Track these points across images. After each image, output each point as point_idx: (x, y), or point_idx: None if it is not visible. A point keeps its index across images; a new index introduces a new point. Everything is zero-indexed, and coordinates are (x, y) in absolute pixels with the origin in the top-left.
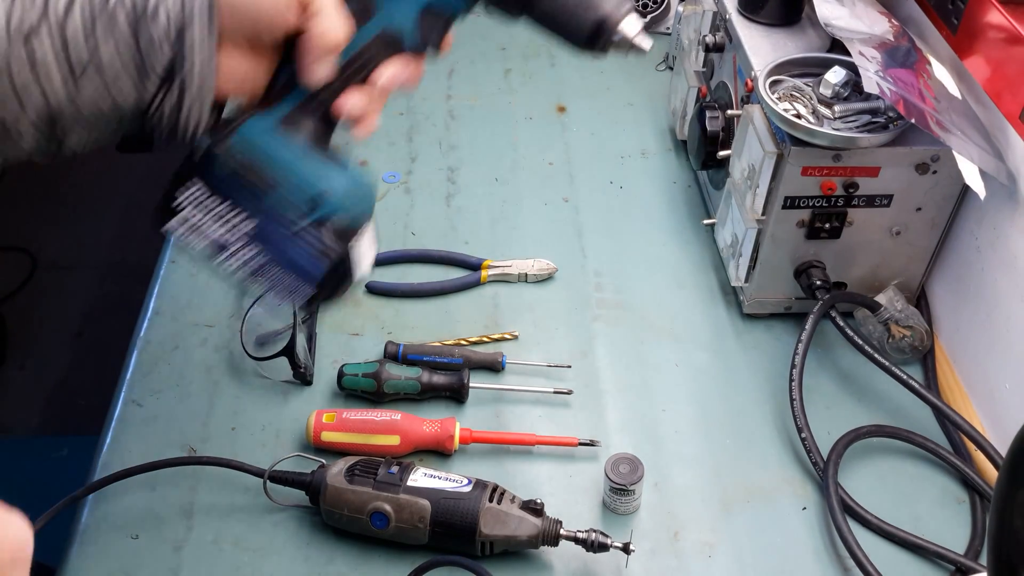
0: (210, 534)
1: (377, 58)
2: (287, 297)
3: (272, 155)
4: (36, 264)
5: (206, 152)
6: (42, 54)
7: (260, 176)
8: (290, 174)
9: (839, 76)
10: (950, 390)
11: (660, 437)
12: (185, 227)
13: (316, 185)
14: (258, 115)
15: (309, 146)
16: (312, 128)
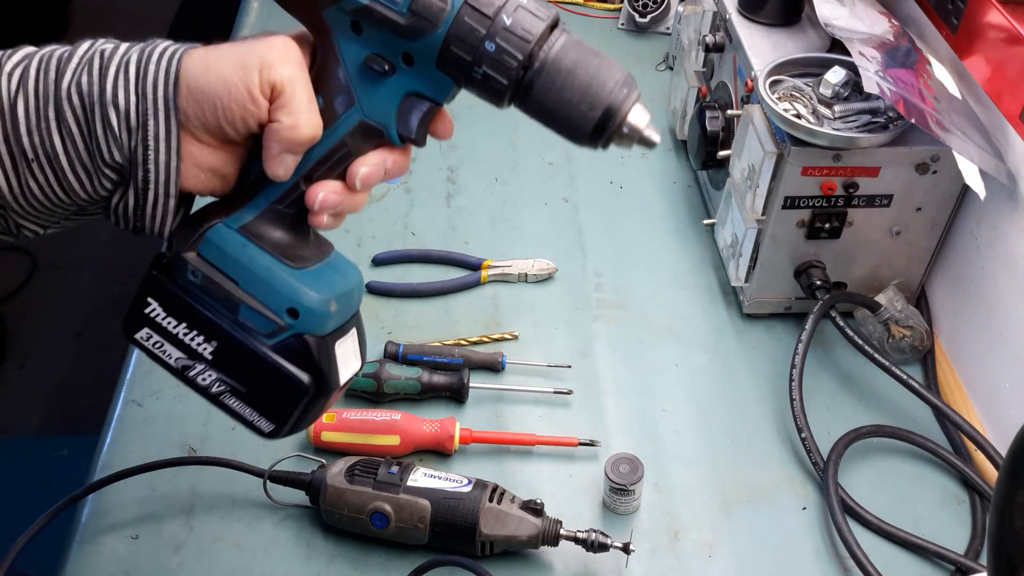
0: (210, 534)
1: (356, 151)
2: (255, 424)
3: (239, 268)
4: (36, 264)
5: (172, 259)
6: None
7: (226, 291)
8: (258, 289)
9: (839, 76)
10: (950, 390)
11: (660, 437)
12: (149, 344)
13: (287, 300)
14: (226, 220)
15: (281, 254)
16: (285, 229)
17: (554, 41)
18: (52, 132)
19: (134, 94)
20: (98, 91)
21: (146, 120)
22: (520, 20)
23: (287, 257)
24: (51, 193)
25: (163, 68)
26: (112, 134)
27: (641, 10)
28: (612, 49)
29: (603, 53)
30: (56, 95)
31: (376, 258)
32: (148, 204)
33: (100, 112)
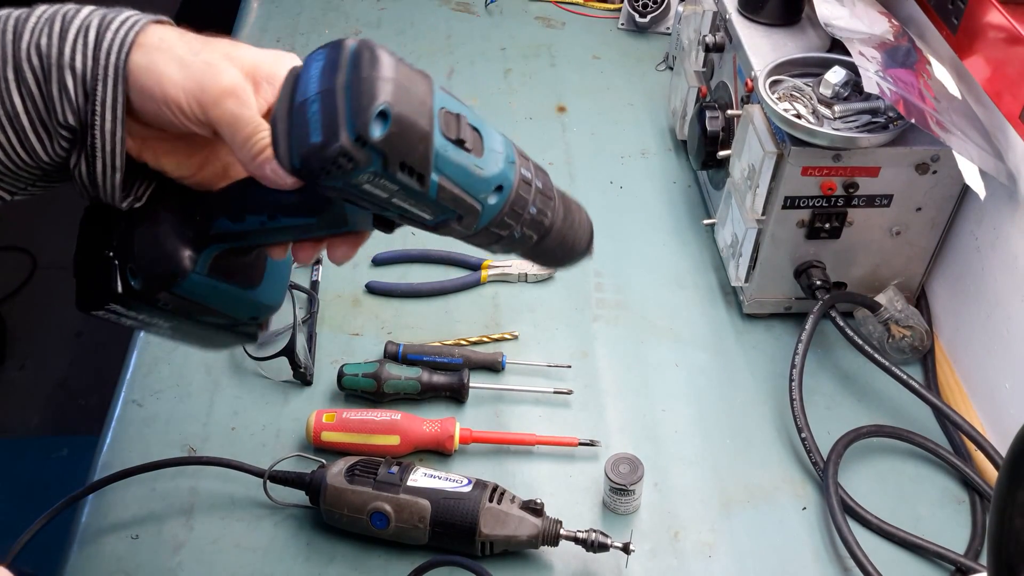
0: (210, 534)
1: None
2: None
3: (208, 300)
4: (36, 264)
5: (141, 292)
6: None
7: (192, 309)
8: (224, 309)
9: (839, 76)
10: (950, 390)
11: (660, 437)
12: (105, 316)
13: (250, 313)
14: (195, 270)
15: (245, 283)
16: (246, 259)
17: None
18: (12, 92)
19: (91, 59)
20: (56, 53)
21: (95, 85)
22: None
23: (249, 282)
24: (13, 154)
25: (119, 38)
26: (67, 96)
27: (641, 10)
28: (612, 49)
29: (566, 193)
30: (16, 56)
31: (376, 258)
32: (97, 172)
33: (57, 74)
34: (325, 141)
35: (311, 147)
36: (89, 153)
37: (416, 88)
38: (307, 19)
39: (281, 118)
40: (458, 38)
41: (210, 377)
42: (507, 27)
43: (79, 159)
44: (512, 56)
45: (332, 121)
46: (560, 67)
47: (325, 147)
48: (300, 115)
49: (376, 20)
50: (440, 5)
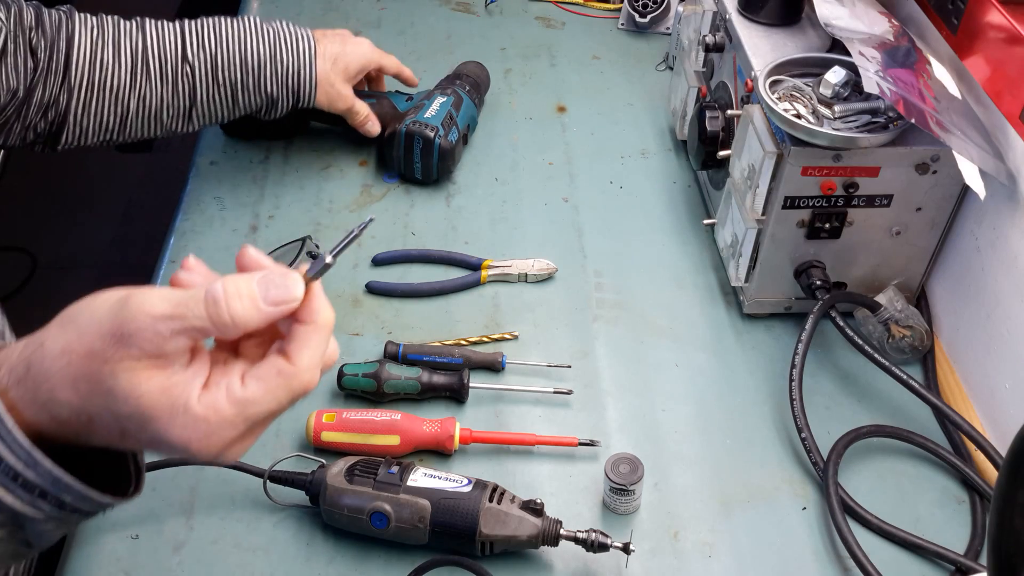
0: (210, 534)
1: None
2: None
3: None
4: (36, 264)
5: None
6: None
7: None
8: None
9: (839, 76)
10: (950, 390)
11: (660, 437)
12: None
13: None
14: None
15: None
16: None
17: None
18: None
19: (296, 62)
20: (269, 54)
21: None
22: None
23: None
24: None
25: (308, 49)
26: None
27: (641, 10)
28: (612, 49)
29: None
30: (244, 56)
31: (376, 258)
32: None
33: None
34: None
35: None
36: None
37: None
38: (307, 19)
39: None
40: (458, 38)
41: None
42: (507, 27)
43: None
44: (512, 56)
45: None
46: (560, 67)
47: None
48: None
49: (376, 20)
50: (440, 5)
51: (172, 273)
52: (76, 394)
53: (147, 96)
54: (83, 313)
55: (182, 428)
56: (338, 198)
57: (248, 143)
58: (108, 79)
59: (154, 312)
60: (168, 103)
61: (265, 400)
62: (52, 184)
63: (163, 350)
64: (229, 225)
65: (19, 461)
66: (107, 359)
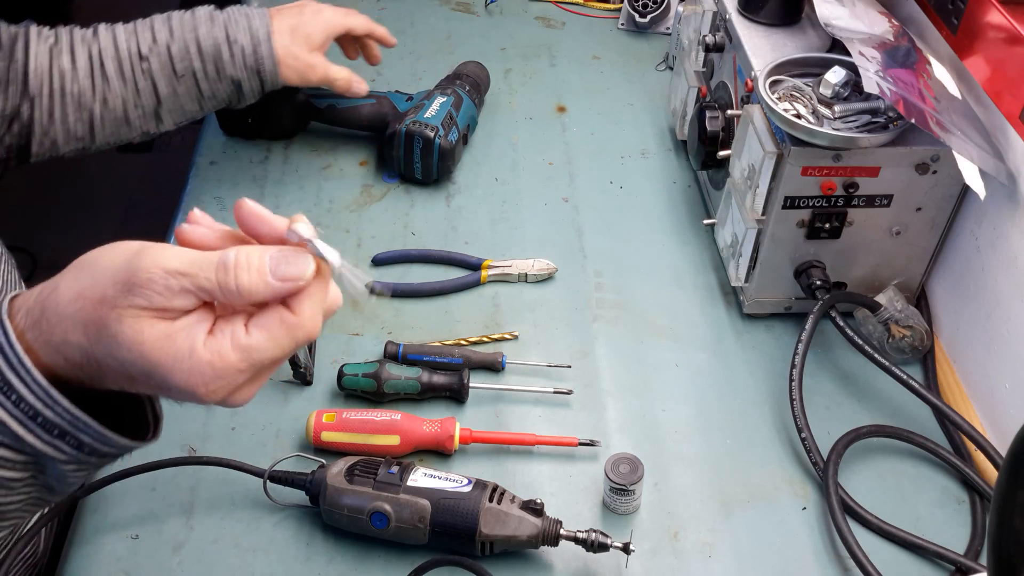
0: (210, 534)
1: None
2: None
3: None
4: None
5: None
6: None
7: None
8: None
9: (839, 76)
10: (950, 390)
11: (660, 437)
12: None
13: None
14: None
15: None
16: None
17: None
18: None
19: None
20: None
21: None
22: None
23: None
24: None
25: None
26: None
27: (641, 10)
28: (612, 49)
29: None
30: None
31: (376, 258)
32: (266, 86)
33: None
34: None
35: None
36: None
37: None
38: None
39: None
40: (458, 38)
41: None
42: (507, 27)
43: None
44: (512, 56)
45: None
46: (560, 67)
47: None
48: None
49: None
50: (440, 5)
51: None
52: (86, 338)
53: (109, 99)
54: (99, 261)
55: (188, 373)
56: (338, 198)
57: (248, 143)
58: (68, 85)
59: (167, 267)
60: (133, 103)
61: (269, 348)
62: (52, 184)
63: (170, 304)
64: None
65: (38, 400)
66: (115, 305)
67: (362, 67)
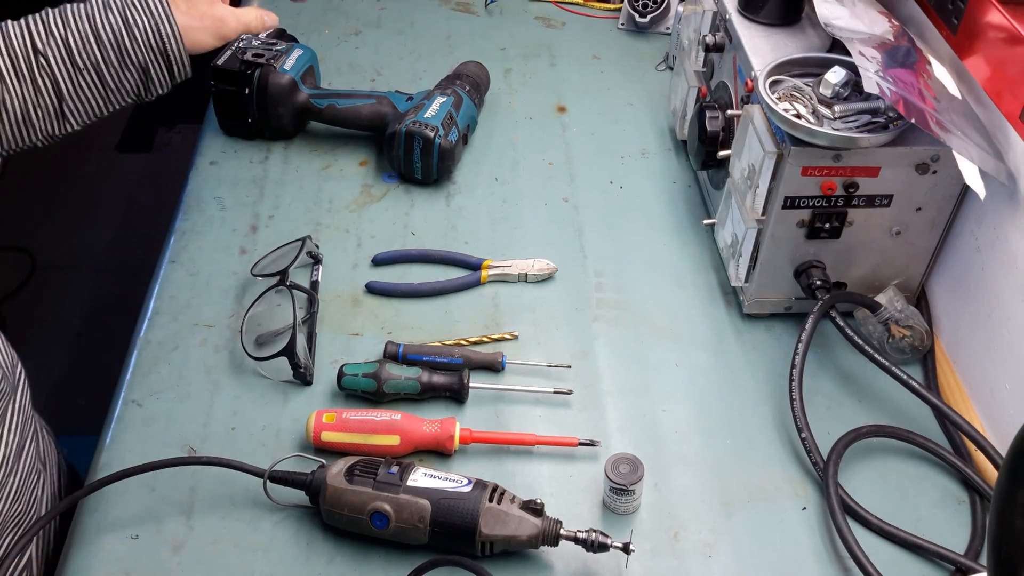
0: (210, 534)
1: None
2: None
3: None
4: (36, 264)
5: None
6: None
7: None
8: None
9: (839, 76)
10: (950, 390)
11: (660, 437)
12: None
13: None
14: None
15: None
16: None
17: None
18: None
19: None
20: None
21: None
22: None
23: None
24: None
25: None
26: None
27: (641, 10)
28: (612, 49)
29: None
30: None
31: (376, 258)
32: (175, 72)
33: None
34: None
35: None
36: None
37: None
38: (307, 19)
39: None
40: (458, 38)
41: (210, 377)
42: (507, 27)
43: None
44: (512, 56)
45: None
46: (560, 67)
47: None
48: None
49: (376, 20)
50: (440, 5)
51: (172, 273)
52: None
53: (6, 100)
54: None
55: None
56: (338, 198)
57: (248, 143)
58: None
59: None
60: (34, 103)
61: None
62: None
63: None
64: (229, 225)
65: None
66: None
67: (363, 67)
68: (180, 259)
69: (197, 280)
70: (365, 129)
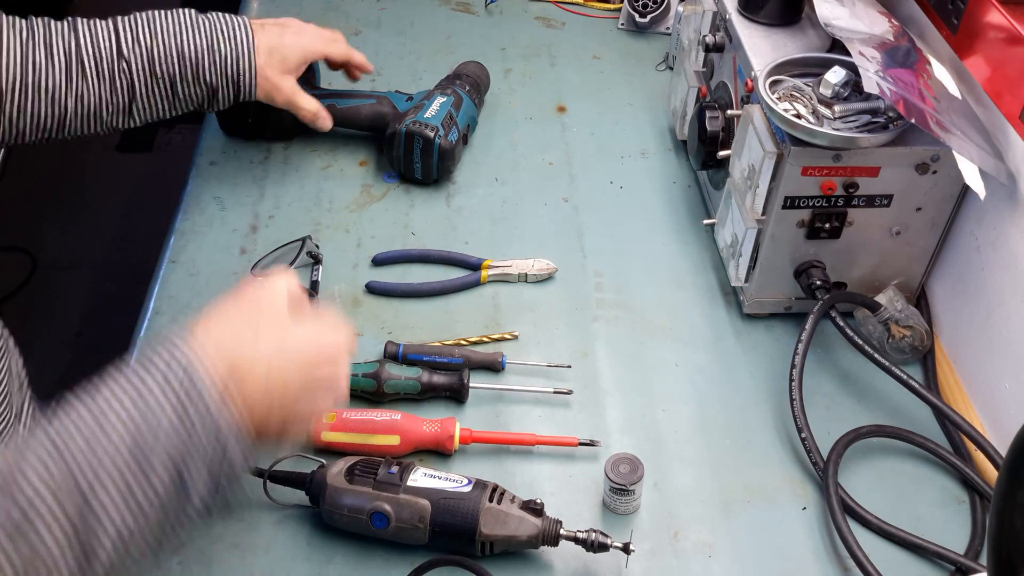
0: (210, 534)
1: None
2: None
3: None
4: (36, 264)
5: None
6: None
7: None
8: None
9: (839, 76)
10: (950, 390)
11: (660, 437)
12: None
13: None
14: None
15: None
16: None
17: None
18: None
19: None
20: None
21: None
22: None
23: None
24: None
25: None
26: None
27: (641, 10)
28: (612, 49)
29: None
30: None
31: (376, 258)
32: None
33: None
34: None
35: None
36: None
37: None
38: (307, 19)
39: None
40: (458, 38)
41: None
42: (507, 27)
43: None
44: (512, 56)
45: None
46: (560, 67)
47: None
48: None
49: (376, 20)
50: (440, 5)
51: (172, 273)
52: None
53: (84, 95)
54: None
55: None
56: (338, 198)
57: (248, 143)
58: (42, 80)
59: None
60: (107, 100)
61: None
62: (52, 184)
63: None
64: (229, 225)
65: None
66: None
67: None
68: (180, 259)
69: (197, 280)
70: (365, 129)
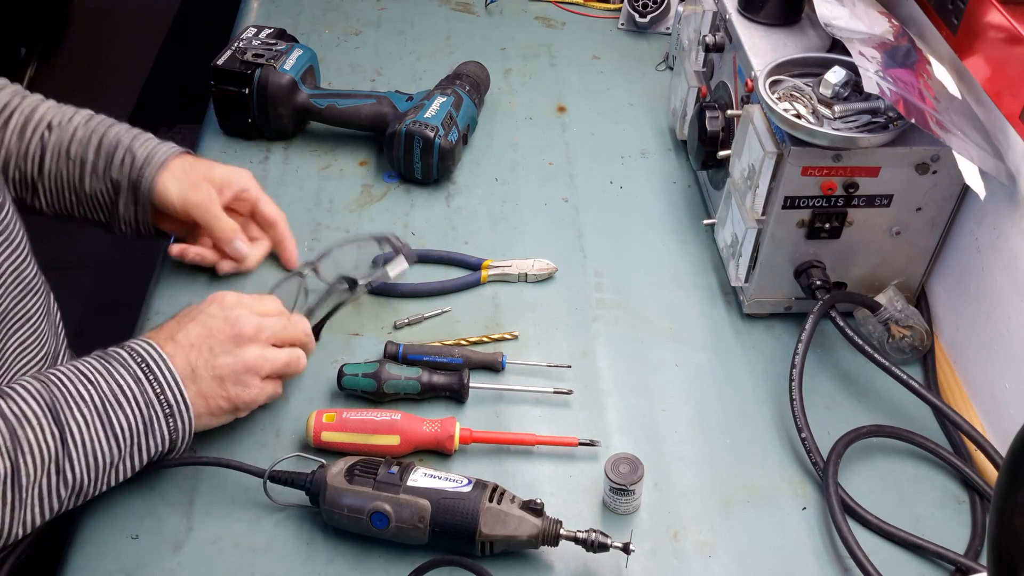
0: (210, 534)
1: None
2: None
3: None
4: None
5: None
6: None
7: None
8: None
9: (839, 76)
10: (950, 390)
11: (660, 437)
12: None
13: None
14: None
15: None
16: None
17: None
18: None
19: (136, 174)
20: (111, 168)
21: (138, 187)
22: None
23: None
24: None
25: (155, 162)
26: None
27: (641, 10)
28: (612, 49)
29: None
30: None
31: (376, 258)
32: (140, 229)
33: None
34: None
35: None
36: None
37: None
38: (307, 19)
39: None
40: (458, 38)
41: None
42: (507, 27)
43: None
44: (512, 56)
45: None
46: (560, 67)
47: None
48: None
49: (376, 20)
50: (440, 5)
51: (172, 273)
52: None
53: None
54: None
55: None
56: (338, 198)
57: (248, 143)
58: None
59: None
60: (15, 163)
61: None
62: None
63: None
64: None
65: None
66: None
67: (363, 67)
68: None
69: (197, 280)
70: (365, 129)
